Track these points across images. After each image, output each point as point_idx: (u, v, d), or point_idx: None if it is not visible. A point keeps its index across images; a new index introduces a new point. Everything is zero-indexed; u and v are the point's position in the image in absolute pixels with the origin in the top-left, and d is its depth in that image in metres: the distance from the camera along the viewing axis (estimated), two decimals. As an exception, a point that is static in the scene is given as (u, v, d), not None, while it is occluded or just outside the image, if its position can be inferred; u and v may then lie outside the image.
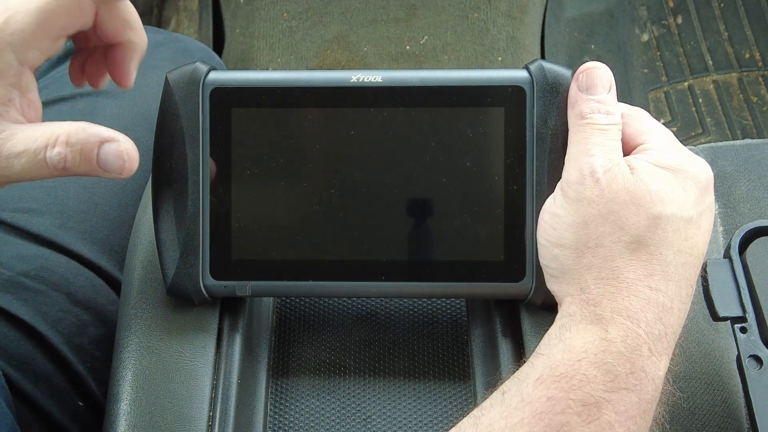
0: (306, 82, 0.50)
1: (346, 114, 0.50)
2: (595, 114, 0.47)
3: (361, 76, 0.49)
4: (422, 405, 0.52)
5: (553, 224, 0.46)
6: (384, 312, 0.56)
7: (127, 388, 0.49)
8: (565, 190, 0.46)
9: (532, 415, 0.40)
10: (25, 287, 0.61)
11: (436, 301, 0.57)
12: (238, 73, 0.51)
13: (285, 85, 0.50)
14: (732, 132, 1.20)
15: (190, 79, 0.50)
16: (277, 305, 0.57)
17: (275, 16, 1.21)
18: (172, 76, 0.50)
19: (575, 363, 0.41)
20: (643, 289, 0.43)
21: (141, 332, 0.51)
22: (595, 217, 0.44)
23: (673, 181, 0.45)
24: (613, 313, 0.43)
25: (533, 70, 0.49)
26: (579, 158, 0.46)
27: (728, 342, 0.51)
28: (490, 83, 0.50)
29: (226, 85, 0.50)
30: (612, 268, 0.44)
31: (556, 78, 0.49)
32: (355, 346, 0.55)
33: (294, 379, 0.53)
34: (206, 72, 0.50)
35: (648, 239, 0.44)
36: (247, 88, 0.50)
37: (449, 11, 1.19)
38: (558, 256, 0.46)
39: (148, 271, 0.54)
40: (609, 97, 0.47)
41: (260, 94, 0.50)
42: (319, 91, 0.50)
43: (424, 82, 0.50)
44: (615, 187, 0.44)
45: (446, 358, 0.54)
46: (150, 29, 0.85)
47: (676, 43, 1.28)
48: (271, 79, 0.50)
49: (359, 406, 0.52)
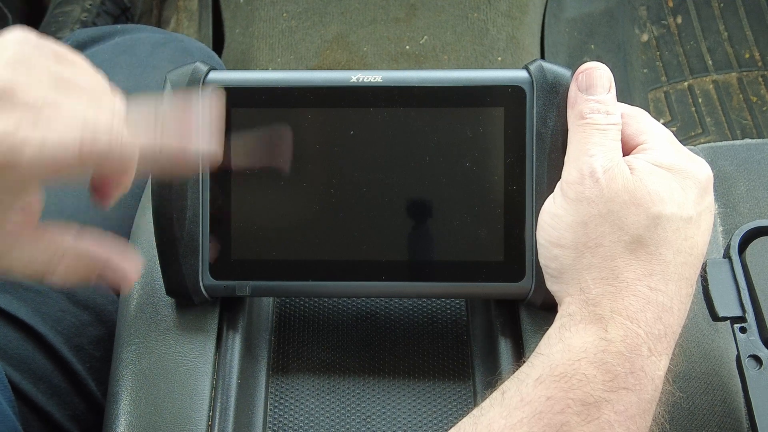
0: (306, 82, 0.50)
1: (345, 114, 0.50)
2: (595, 114, 0.47)
3: (360, 76, 0.49)
4: (422, 404, 0.52)
5: (553, 224, 0.46)
6: (384, 312, 0.56)
7: (127, 388, 0.49)
8: (565, 190, 0.46)
9: (532, 414, 0.40)
10: (25, 287, 0.61)
11: (435, 301, 0.57)
12: (237, 73, 0.51)
13: (284, 85, 0.50)
14: (732, 132, 1.20)
15: (189, 80, 0.50)
16: (276, 305, 0.57)
17: (275, 16, 1.21)
18: (172, 77, 0.50)
19: (575, 363, 0.41)
20: (642, 289, 0.43)
21: (141, 332, 0.51)
22: (595, 216, 0.44)
23: (672, 180, 0.45)
24: (613, 313, 0.43)
25: (533, 70, 0.49)
26: (579, 158, 0.46)
27: (728, 342, 0.51)
28: (490, 83, 0.50)
29: (225, 86, 0.50)
30: (612, 268, 0.44)
31: (555, 78, 0.49)
32: (355, 346, 0.55)
33: (294, 379, 0.53)
34: (206, 72, 0.50)
35: (648, 239, 0.44)
36: (246, 88, 0.50)
37: (449, 11, 1.19)
38: (558, 256, 0.46)
39: (148, 272, 0.54)
40: (609, 98, 0.47)
41: (260, 94, 0.50)
42: (319, 92, 0.50)
43: (424, 82, 0.49)
44: (615, 187, 0.44)
45: (446, 358, 0.54)
46: (150, 29, 0.85)
47: (676, 43, 1.28)
48: (270, 79, 0.50)
49: (359, 406, 0.52)
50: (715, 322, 0.49)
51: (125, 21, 1.21)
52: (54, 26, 1.18)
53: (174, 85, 0.50)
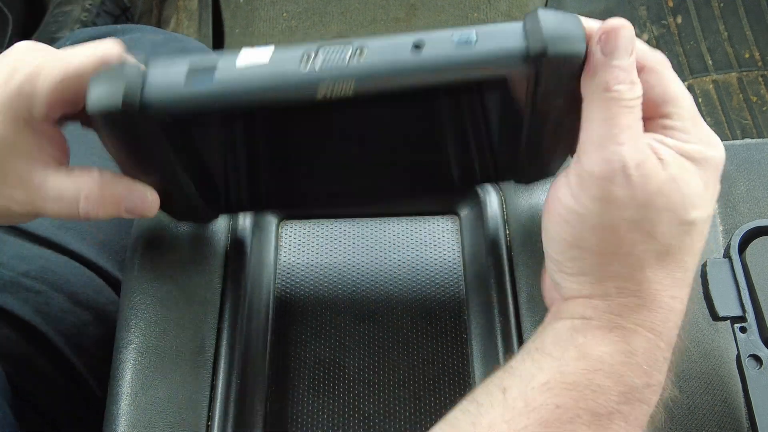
0: (258, 97, 0.39)
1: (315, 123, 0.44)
2: (621, 86, 0.39)
3: (330, 87, 0.39)
4: (422, 404, 0.52)
5: (572, 222, 0.40)
6: (384, 312, 0.56)
7: (127, 388, 0.50)
8: (587, 185, 0.40)
9: (538, 422, 0.38)
10: (26, 287, 0.61)
11: (436, 301, 0.57)
12: (178, 84, 0.39)
13: (235, 103, 0.40)
14: (732, 132, 1.20)
15: (124, 102, 0.39)
16: (276, 305, 0.57)
17: (275, 15, 1.21)
18: (98, 93, 0.40)
19: (590, 373, 0.39)
20: (666, 300, 0.40)
21: (141, 332, 0.52)
22: (626, 222, 0.39)
23: (700, 177, 0.41)
24: (636, 325, 0.40)
25: (529, 33, 0.39)
26: (605, 145, 0.39)
27: (728, 342, 0.51)
28: (482, 69, 0.40)
29: (168, 111, 0.40)
30: (639, 279, 0.40)
31: (563, 47, 0.40)
32: (355, 346, 0.55)
33: (293, 378, 0.53)
34: (140, 86, 0.39)
35: (676, 247, 0.40)
36: (191, 114, 0.40)
37: (449, 11, 1.19)
38: (576, 257, 0.41)
39: (148, 271, 0.54)
40: (632, 62, 0.40)
41: (206, 119, 0.43)
42: (276, 114, 0.42)
43: (403, 81, 0.39)
44: (649, 189, 0.39)
45: (446, 357, 0.54)
46: (150, 29, 0.85)
47: (676, 43, 1.28)
48: (219, 93, 0.39)
49: (359, 405, 0.52)
50: (715, 322, 0.49)
51: (125, 21, 1.21)
52: (54, 26, 1.19)
53: (99, 106, 0.39)
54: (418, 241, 0.58)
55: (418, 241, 0.58)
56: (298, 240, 0.58)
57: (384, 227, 0.59)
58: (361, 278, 0.57)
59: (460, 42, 0.39)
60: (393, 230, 0.59)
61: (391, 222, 0.59)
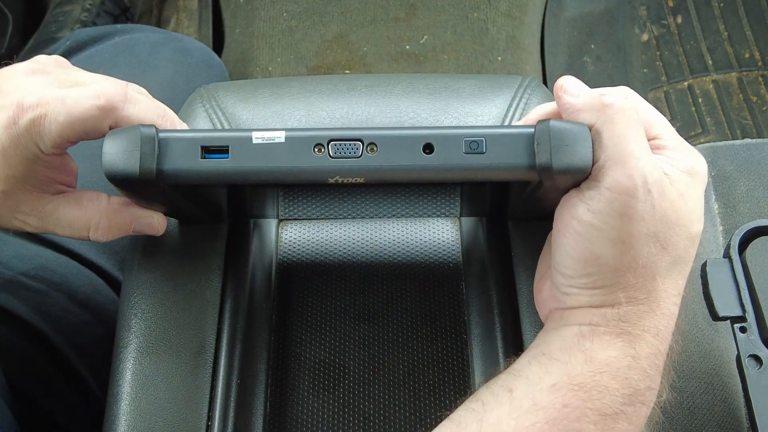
0: (271, 178, 0.41)
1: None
2: (616, 99, 0.40)
3: (342, 178, 0.41)
4: (421, 404, 0.52)
5: (591, 238, 0.41)
6: (384, 312, 0.56)
7: (127, 388, 0.50)
8: (609, 200, 0.40)
9: (546, 420, 0.40)
10: (26, 287, 0.61)
11: (436, 301, 0.57)
12: (191, 155, 0.41)
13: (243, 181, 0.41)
14: (732, 132, 1.20)
15: (141, 171, 0.40)
16: (277, 306, 0.57)
17: (275, 15, 1.21)
18: (112, 155, 0.41)
19: (596, 375, 0.41)
20: (670, 307, 0.42)
21: (141, 332, 0.51)
22: (643, 236, 0.40)
23: (697, 190, 0.43)
24: (643, 331, 0.41)
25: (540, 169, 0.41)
26: (626, 161, 0.39)
27: (728, 342, 0.51)
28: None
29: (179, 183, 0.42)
30: (649, 289, 0.42)
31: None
32: (355, 346, 0.55)
33: (293, 379, 0.53)
34: (156, 157, 0.41)
35: (683, 258, 0.42)
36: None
37: (449, 11, 1.19)
38: (593, 273, 0.42)
39: (148, 271, 0.54)
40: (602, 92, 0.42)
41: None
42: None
43: (418, 179, 0.41)
44: (664, 205, 0.40)
45: (446, 358, 0.54)
46: (149, 29, 0.85)
47: (676, 43, 1.28)
48: (236, 170, 0.41)
49: (359, 405, 0.52)
50: (715, 322, 0.49)
51: (125, 21, 1.21)
52: (54, 26, 1.18)
53: (116, 171, 0.40)
54: (418, 242, 0.58)
55: (418, 242, 0.58)
56: (298, 240, 0.58)
57: (384, 227, 0.59)
58: (361, 278, 0.57)
59: (470, 150, 0.40)
60: (393, 230, 0.59)
61: (391, 222, 0.59)
